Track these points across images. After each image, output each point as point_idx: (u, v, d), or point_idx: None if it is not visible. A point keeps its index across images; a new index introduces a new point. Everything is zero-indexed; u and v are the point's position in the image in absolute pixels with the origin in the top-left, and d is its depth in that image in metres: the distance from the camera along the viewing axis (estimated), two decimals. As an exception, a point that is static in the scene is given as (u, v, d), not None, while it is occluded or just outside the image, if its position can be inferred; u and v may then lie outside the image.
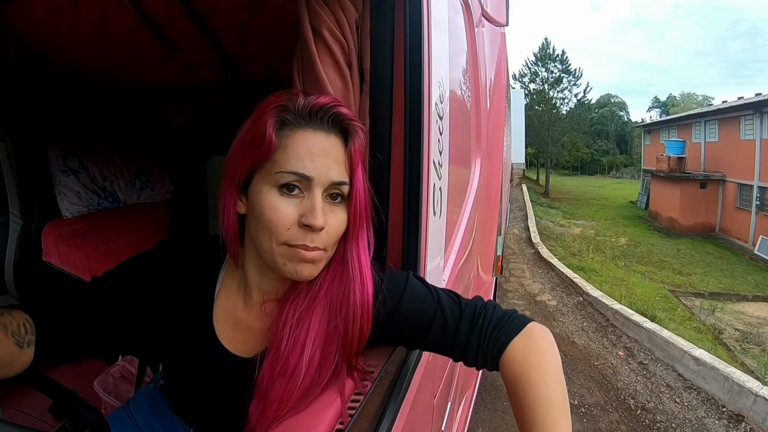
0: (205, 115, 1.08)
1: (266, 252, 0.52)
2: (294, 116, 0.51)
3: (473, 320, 0.56)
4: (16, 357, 0.52)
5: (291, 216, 0.50)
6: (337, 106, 0.53)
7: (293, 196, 0.51)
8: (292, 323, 0.54)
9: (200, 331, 0.60)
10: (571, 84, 23.04)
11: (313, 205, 0.50)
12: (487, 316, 0.57)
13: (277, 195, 0.51)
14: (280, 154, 0.50)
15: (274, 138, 0.50)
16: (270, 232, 0.51)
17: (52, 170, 1.84)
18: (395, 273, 0.60)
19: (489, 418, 2.63)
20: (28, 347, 0.53)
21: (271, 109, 0.51)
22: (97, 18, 1.44)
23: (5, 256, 1.81)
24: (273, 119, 0.50)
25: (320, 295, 0.55)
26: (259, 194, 0.51)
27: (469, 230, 1.13)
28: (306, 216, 0.50)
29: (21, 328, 0.53)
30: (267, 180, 0.51)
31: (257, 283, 0.59)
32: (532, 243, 7.95)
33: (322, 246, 0.52)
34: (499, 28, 1.89)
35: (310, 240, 0.50)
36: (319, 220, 0.49)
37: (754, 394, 2.72)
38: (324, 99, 0.52)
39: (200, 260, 0.61)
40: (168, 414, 0.72)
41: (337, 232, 0.53)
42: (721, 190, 13.55)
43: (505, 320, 0.56)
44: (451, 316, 0.56)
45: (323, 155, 0.51)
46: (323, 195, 0.51)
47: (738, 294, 8.02)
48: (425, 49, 0.62)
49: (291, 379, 0.53)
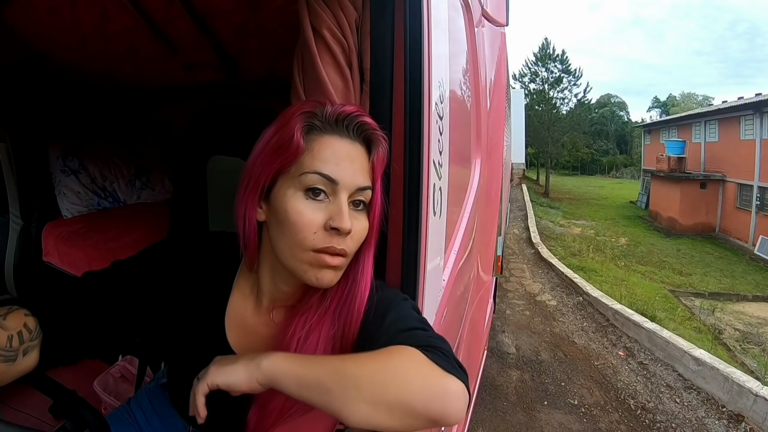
0: (205, 115, 1.08)
1: (288, 257, 0.52)
2: (321, 122, 0.52)
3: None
4: (3, 374, 0.47)
5: (317, 221, 0.50)
6: (362, 115, 0.53)
7: (318, 201, 0.51)
8: (300, 336, 0.54)
9: (210, 329, 0.60)
10: (571, 84, 23.03)
11: (340, 208, 0.50)
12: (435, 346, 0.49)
13: (302, 199, 0.50)
14: (306, 158, 0.51)
15: (301, 142, 0.50)
16: (294, 237, 0.50)
17: (52, 170, 1.84)
18: (391, 294, 0.58)
19: (489, 418, 2.63)
20: (25, 356, 0.49)
21: (299, 115, 0.51)
22: (97, 18, 1.44)
23: (5, 256, 1.81)
24: (301, 124, 0.51)
25: (331, 309, 0.55)
26: (284, 198, 0.51)
27: (469, 230, 1.13)
28: (333, 219, 0.50)
29: (13, 340, 0.48)
30: (292, 183, 0.51)
31: (269, 290, 0.59)
32: (532, 243, 7.95)
33: (348, 251, 0.52)
34: (499, 28, 1.89)
35: (337, 242, 0.50)
36: (346, 223, 0.49)
37: (754, 394, 2.71)
38: (349, 108, 0.53)
39: (219, 258, 0.61)
40: (168, 412, 0.72)
41: (360, 239, 0.54)
42: (721, 190, 13.54)
43: (439, 354, 0.47)
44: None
45: (349, 161, 0.51)
46: (348, 201, 0.52)
47: (738, 294, 8.02)
48: (425, 49, 0.62)
49: None
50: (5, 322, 0.48)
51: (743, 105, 12.82)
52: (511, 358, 3.46)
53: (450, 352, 0.49)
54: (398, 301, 0.56)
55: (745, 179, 12.45)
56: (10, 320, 0.49)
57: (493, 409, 2.72)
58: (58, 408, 0.64)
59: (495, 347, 3.59)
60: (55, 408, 0.64)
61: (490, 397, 2.84)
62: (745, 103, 12.88)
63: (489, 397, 2.84)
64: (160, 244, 0.63)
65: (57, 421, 0.64)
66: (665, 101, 47.00)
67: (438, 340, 0.49)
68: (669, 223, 14.09)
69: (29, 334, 0.50)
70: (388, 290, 0.59)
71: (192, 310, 0.61)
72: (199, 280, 0.61)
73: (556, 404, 2.84)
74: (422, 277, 0.67)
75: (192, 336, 0.61)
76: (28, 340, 0.49)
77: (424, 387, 0.43)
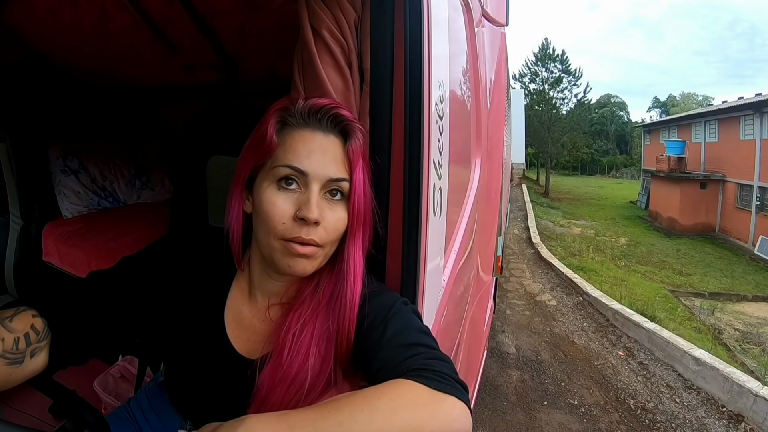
0: (205, 115, 1.08)
1: (264, 246, 0.54)
2: (294, 117, 0.54)
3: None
4: (10, 376, 0.47)
5: (287, 210, 0.52)
6: (335, 107, 0.55)
7: (291, 191, 0.53)
8: (295, 330, 0.55)
9: (211, 325, 0.60)
10: (571, 84, 23.01)
11: (309, 198, 0.52)
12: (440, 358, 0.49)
13: (275, 190, 0.53)
14: (279, 151, 0.54)
15: (275, 137, 0.54)
16: (267, 226, 0.52)
17: (52, 170, 1.84)
18: (391, 298, 0.57)
19: (489, 418, 2.63)
20: (32, 357, 0.48)
21: (274, 111, 0.55)
22: (97, 18, 1.44)
23: (5, 256, 1.81)
24: (275, 120, 0.54)
25: (323, 302, 0.56)
26: (260, 190, 0.54)
27: (469, 230, 1.13)
28: (301, 209, 0.51)
29: (20, 342, 0.47)
30: (267, 176, 0.54)
31: (260, 285, 0.60)
32: (532, 243, 7.94)
33: (319, 240, 0.52)
34: (499, 28, 1.88)
35: (305, 233, 0.52)
36: (312, 213, 0.51)
37: (754, 394, 2.71)
38: (323, 101, 0.55)
39: (221, 253, 0.62)
40: (167, 410, 0.72)
41: (335, 230, 0.54)
42: (721, 190, 13.54)
43: (441, 373, 0.47)
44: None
45: (320, 152, 0.53)
46: (322, 191, 0.53)
47: (738, 294, 8.01)
48: (425, 49, 0.62)
49: (291, 385, 0.53)
50: (11, 324, 0.47)
51: (743, 105, 12.82)
52: (511, 358, 3.46)
53: (448, 366, 0.48)
54: (398, 307, 0.55)
55: (745, 179, 12.45)
56: (16, 322, 0.48)
57: (493, 409, 2.72)
58: (58, 408, 0.64)
59: (495, 347, 3.59)
60: (55, 408, 0.64)
61: (490, 397, 2.84)
62: (745, 103, 12.88)
63: (489, 397, 2.83)
64: (165, 240, 0.64)
65: (57, 421, 0.64)
66: (665, 101, 47.02)
67: (435, 361, 0.48)
68: (669, 223, 14.09)
69: (36, 335, 0.49)
70: (387, 294, 0.58)
71: (194, 304, 0.61)
72: (202, 274, 0.62)
73: (556, 404, 2.84)
74: (422, 277, 0.67)
75: (193, 330, 0.61)
76: (35, 341, 0.49)
77: (426, 424, 0.42)
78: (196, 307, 0.61)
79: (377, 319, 0.53)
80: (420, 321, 0.56)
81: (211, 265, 0.62)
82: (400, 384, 0.45)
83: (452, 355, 1.00)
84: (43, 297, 0.53)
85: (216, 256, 0.62)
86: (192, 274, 0.61)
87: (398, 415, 0.41)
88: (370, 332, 0.53)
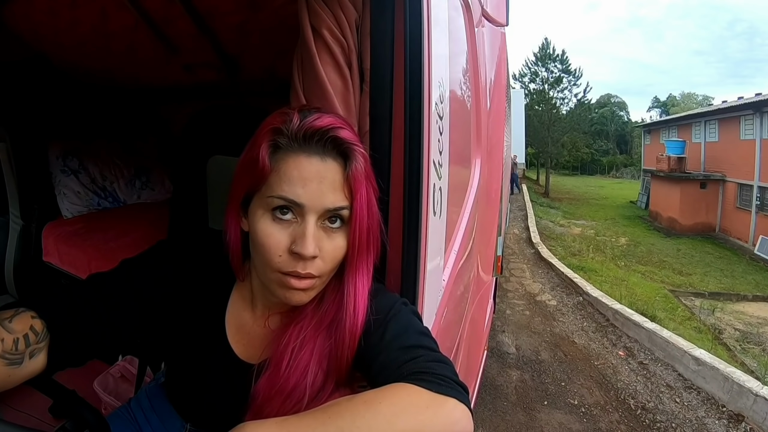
0: (205, 115, 1.08)
1: (261, 274, 0.54)
2: (287, 140, 0.50)
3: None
4: (9, 377, 0.47)
5: (283, 242, 0.50)
6: (335, 128, 0.50)
7: (286, 221, 0.50)
8: (294, 345, 0.54)
9: (211, 328, 0.60)
10: (571, 84, 23.01)
11: (304, 232, 0.49)
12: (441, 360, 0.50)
13: (269, 221, 0.50)
14: (273, 179, 0.50)
15: (267, 162, 0.49)
16: (263, 257, 0.51)
17: (52, 170, 1.84)
18: (390, 300, 0.57)
19: (489, 418, 2.63)
20: (31, 358, 0.49)
21: (266, 132, 0.50)
22: (97, 18, 1.44)
23: (5, 256, 1.81)
24: (267, 143, 0.50)
25: (326, 322, 0.55)
26: (255, 218, 0.51)
27: (469, 230, 1.13)
28: (296, 243, 0.49)
29: (19, 343, 0.47)
30: (261, 203, 0.51)
31: (261, 297, 0.60)
32: (532, 243, 7.94)
33: (316, 273, 0.51)
34: (499, 28, 1.89)
35: (301, 267, 0.50)
36: (308, 249, 0.48)
37: (754, 394, 2.71)
38: (321, 121, 0.50)
39: (222, 257, 0.61)
40: (167, 410, 0.72)
41: (333, 258, 0.52)
42: (721, 190, 13.54)
43: (442, 375, 0.47)
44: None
45: (317, 181, 0.49)
46: (319, 221, 0.50)
47: (738, 294, 8.01)
48: (425, 49, 0.62)
49: (288, 398, 0.53)
50: (11, 325, 0.48)
51: (743, 105, 12.81)
52: (511, 358, 3.46)
53: (449, 369, 0.48)
54: (398, 308, 0.55)
55: (745, 179, 12.45)
56: (16, 323, 0.48)
57: (493, 409, 2.72)
58: (58, 408, 0.64)
59: (495, 347, 3.59)
60: (55, 408, 0.64)
61: (490, 397, 2.84)
62: (745, 103, 12.88)
63: (489, 397, 2.83)
64: (165, 242, 0.63)
65: (57, 421, 0.64)
66: (665, 101, 47.02)
67: (436, 363, 0.48)
68: (669, 222, 14.09)
69: (35, 336, 0.49)
70: (386, 295, 0.58)
71: (195, 308, 0.61)
72: (203, 278, 0.61)
73: (556, 404, 2.84)
74: (422, 277, 0.67)
75: (193, 334, 0.61)
76: (34, 342, 0.49)
77: (428, 427, 0.42)
78: (197, 310, 0.61)
79: (377, 320, 0.53)
80: (420, 322, 0.56)
81: (211, 269, 0.62)
82: (401, 388, 0.44)
83: (452, 355, 1.00)
84: (43, 298, 0.53)
85: (216, 259, 0.61)
86: (192, 277, 0.61)
87: (400, 419, 0.41)
88: (369, 334, 0.53)
